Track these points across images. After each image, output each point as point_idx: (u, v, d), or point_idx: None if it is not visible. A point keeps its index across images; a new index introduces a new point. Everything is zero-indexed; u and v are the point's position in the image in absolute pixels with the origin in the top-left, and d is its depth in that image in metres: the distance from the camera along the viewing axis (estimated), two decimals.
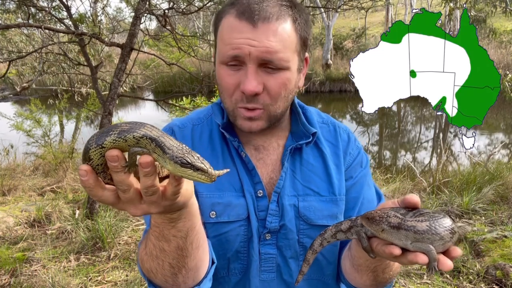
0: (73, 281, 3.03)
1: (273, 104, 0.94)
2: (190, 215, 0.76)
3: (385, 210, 0.74)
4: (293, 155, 1.03)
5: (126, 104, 15.07)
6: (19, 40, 7.55)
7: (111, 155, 0.58)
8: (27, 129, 5.51)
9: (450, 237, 0.67)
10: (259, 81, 0.89)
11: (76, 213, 4.17)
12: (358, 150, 1.10)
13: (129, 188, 0.62)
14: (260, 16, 0.86)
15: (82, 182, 0.60)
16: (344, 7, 6.34)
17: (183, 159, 0.58)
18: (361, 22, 28.47)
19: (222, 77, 0.94)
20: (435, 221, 0.68)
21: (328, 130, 1.10)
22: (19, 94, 6.42)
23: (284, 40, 0.88)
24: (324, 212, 1.00)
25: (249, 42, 0.86)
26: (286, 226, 0.99)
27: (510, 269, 2.84)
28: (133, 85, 7.56)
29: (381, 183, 5.20)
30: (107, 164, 0.60)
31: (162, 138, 0.60)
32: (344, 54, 18.62)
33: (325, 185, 1.02)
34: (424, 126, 11.91)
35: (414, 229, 0.67)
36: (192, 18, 23.57)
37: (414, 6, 25.04)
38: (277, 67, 0.89)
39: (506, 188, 4.61)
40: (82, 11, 13.80)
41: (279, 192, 1.00)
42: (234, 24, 0.88)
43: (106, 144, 0.59)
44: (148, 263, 0.83)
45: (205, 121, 1.08)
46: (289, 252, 1.01)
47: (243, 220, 0.98)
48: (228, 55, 0.89)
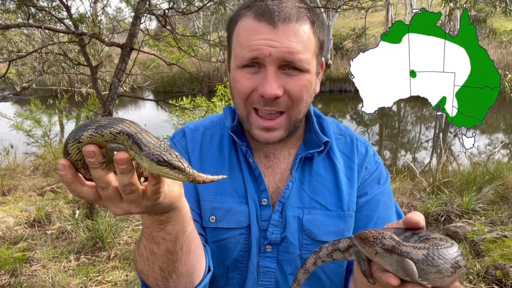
0: (73, 281, 3.03)
1: (295, 108, 0.89)
2: (179, 219, 0.73)
3: (381, 231, 0.65)
4: (303, 165, 0.98)
5: (126, 104, 15.07)
6: (19, 40, 7.55)
7: (87, 150, 0.56)
8: (27, 129, 5.52)
9: (451, 271, 0.57)
10: (279, 84, 0.85)
11: (76, 213, 4.17)
12: (377, 166, 1.03)
13: (108, 186, 0.59)
14: (280, 17, 0.83)
15: (60, 176, 0.59)
16: (344, 7, 6.34)
17: (159, 157, 0.55)
18: (361, 22, 28.49)
19: (237, 81, 0.89)
20: (436, 250, 0.58)
21: (344, 142, 1.04)
22: (19, 94, 6.42)
23: (304, 42, 0.85)
24: (330, 228, 0.94)
25: (269, 43, 0.83)
26: (287, 239, 0.94)
27: (510, 269, 2.84)
28: (133, 85, 7.56)
29: None
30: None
31: (140, 134, 0.58)
32: (344, 54, 18.63)
33: (334, 199, 0.96)
34: (424, 126, 11.92)
35: (408, 255, 0.58)
36: (192, 18, 23.57)
37: (414, 6, 25.04)
38: (298, 68, 0.86)
39: (506, 188, 4.61)
40: (82, 11, 13.78)
41: (283, 202, 0.94)
42: (252, 25, 0.85)
43: (83, 139, 0.58)
44: (140, 264, 0.81)
45: (218, 125, 1.05)
46: (289, 267, 0.95)
47: (244, 228, 0.94)
48: (247, 58, 0.85)
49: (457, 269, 0.57)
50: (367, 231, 0.66)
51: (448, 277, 0.57)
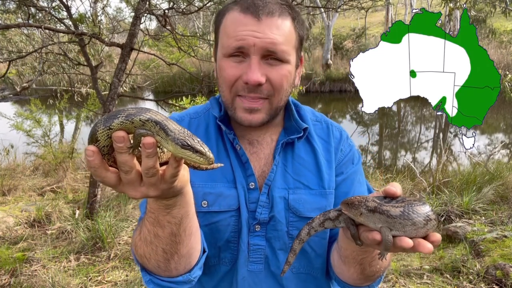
0: (73, 281, 3.03)
1: (276, 96, 0.98)
2: (184, 203, 0.79)
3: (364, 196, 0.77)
4: (285, 149, 1.07)
5: (126, 104, 15.07)
6: (19, 40, 7.55)
7: (118, 135, 0.61)
8: (27, 129, 5.51)
9: (424, 223, 0.68)
10: (262, 72, 0.93)
11: (76, 213, 4.17)
12: (350, 148, 1.14)
13: (131, 170, 0.65)
14: (264, 11, 0.91)
15: (88, 162, 0.64)
16: (344, 7, 6.34)
17: (184, 141, 0.62)
18: (361, 22, 28.49)
19: (223, 69, 0.96)
20: (410, 207, 0.69)
21: (321, 127, 1.14)
22: (19, 94, 6.42)
23: (285, 35, 0.93)
24: (313, 205, 1.03)
25: (253, 34, 0.91)
26: (275, 217, 1.01)
27: (510, 269, 2.84)
28: (133, 85, 7.56)
29: (381, 183, 5.20)
30: (113, 146, 0.63)
31: (166, 121, 0.64)
32: (344, 54, 18.62)
33: (315, 179, 1.05)
34: (424, 126, 11.92)
35: (387, 213, 0.69)
36: (192, 18, 23.57)
37: (414, 6, 25.03)
38: (279, 59, 0.94)
39: (506, 188, 4.61)
40: (82, 11, 13.77)
41: (269, 185, 1.02)
42: (238, 18, 0.93)
43: (114, 125, 0.63)
44: (142, 248, 0.86)
45: (202, 115, 1.12)
46: (278, 243, 1.03)
47: (234, 210, 1.01)
48: (233, 47, 0.92)
49: (429, 221, 0.68)
50: (352, 197, 0.78)
51: (421, 228, 0.68)
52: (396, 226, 0.69)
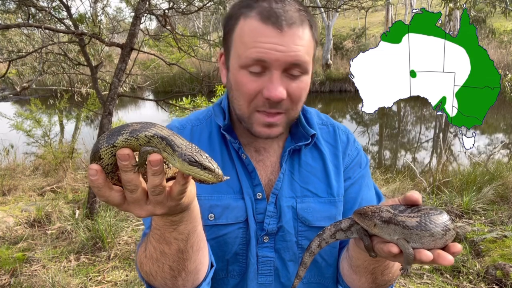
0: (73, 281, 3.03)
1: (293, 109, 0.94)
2: (191, 218, 0.76)
3: (378, 206, 0.73)
4: (292, 156, 1.03)
5: (126, 104, 15.08)
6: (19, 40, 7.55)
7: (122, 153, 0.59)
8: (27, 129, 5.51)
9: (442, 234, 0.64)
10: (284, 87, 0.88)
11: (76, 213, 4.17)
12: (357, 151, 1.10)
13: (137, 188, 0.62)
14: (287, 21, 0.84)
15: (92, 181, 0.61)
16: (344, 7, 6.34)
17: (191, 157, 0.59)
18: (361, 22, 28.48)
19: (242, 83, 0.90)
20: (428, 217, 0.66)
21: (327, 131, 1.10)
22: (19, 94, 6.42)
23: (307, 45, 0.88)
24: (323, 214, 1.00)
25: (276, 47, 0.84)
26: (284, 228, 0.98)
27: (510, 269, 2.84)
28: (133, 85, 7.55)
29: (381, 183, 5.20)
30: (117, 164, 0.61)
31: (172, 137, 0.61)
32: (344, 54, 18.62)
33: (324, 186, 1.02)
34: (424, 126, 11.92)
35: (403, 224, 0.66)
36: (192, 18, 23.57)
37: (414, 6, 25.04)
38: (302, 72, 0.89)
39: (506, 188, 4.61)
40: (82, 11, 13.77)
41: (277, 194, 0.99)
42: (258, 27, 0.85)
43: (118, 143, 0.60)
44: (147, 265, 0.82)
45: (204, 122, 1.07)
46: (287, 254, 1.00)
47: (242, 222, 0.97)
48: (252, 58, 0.86)
49: (447, 231, 0.65)
50: (365, 207, 0.73)
51: (440, 239, 0.65)
52: (413, 237, 0.65)
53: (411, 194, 0.73)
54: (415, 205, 0.73)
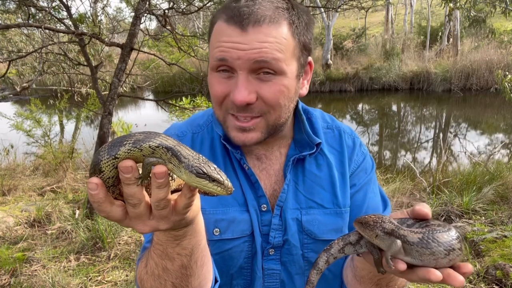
0: (73, 281, 3.03)
1: (272, 113, 0.87)
2: (195, 232, 0.72)
3: (380, 215, 0.69)
4: (296, 165, 0.98)
5: (126, 104, 15.07)
6: (19, 40, 7.55)
7: (125, 165, 0.55)
8: (27, 129, 5.51)
9: (445, 253, 0.60)
10: (250, 90, 0.82)
11: (76, 213, 4.17)
12: (363, 156, 1.05)
13: (140, 203, 0.59)
14: (250, 20, 0.79)
15: (91, 196, 0.57)
16: (344, 7, 6.35)
17: (199, 169, 0.56)
18: (361, 22, 28.48)
19: (211, 85, 0.88)
20: (432, 234, 0.61)
21: (332, 135, 1.05)
22: (19, 94, 6.42)
23: (278, 43, 0.81)
24: (329, 226, 0.96)
25: (237, 46, 0.80)
26: (289, 241, 0.95)
27: (510, 269, 2.84)
28: (133, 85, 7.56)
29: (381, 183, 5.20)
30: (119, 177, 0.57)
31: (178, 147, 0.58)
32: (344, 54, 18.60)
33: (329, 197, 0.97)
34: (424, 126, 11.91)
35: (404, 238, 0.62)
36: (192, 18, 23.56)
37: (414, 6, 25.04)
38: (271, 71, 0.82)
39: (506, 188, 4.61)
40: (82, 11, 13.77)
41: (281, 206, 0.95)
42: (222, 29, 0.83)
43: (120, 154, 0.56)
44: (149, 282, 0.78)
45: (205, 128, 1.02)
46: (293, 268, 0.97)
47: (247, 236, 0.94)
48: (215, 58, 0.83)
49: (451, 252, 0.60)
50: (366, 216, 0.70)
51: (442, 259, 0.60)
52: (413, 253, 0.62)
53: (420, 208, 0.68)
54: (424, 220, 0.69)
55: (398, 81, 15.97)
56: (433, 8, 24.38)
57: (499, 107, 11.91)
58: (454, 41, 17.09)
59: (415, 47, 18.73)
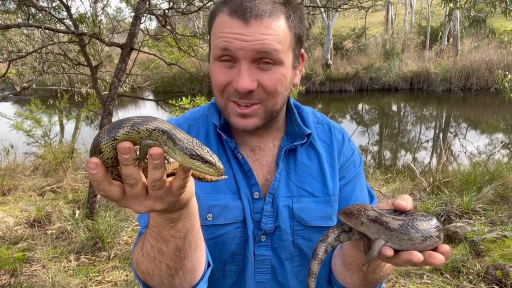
0: (73, 281, 3.03)
1: (270, 100, 0.94)
2: (189, 215, 0.76)
3: (362, 204, 0.74)
4: (288, 156, 1.04)
5: (126, 104, 15.07)
6: (19, 40, 7.56)
7: (123, 146, 0.59)
8: (27, 129, 5.51)
9: (422, 239, 0.64)
10: (252, 78, 0.89)
11: (76, 213, 4.17)
12: (352, 150, 1.11)
13: (137, 183, 0.62)
14: (252, 14, 0.86)
15: (91, 175, 0.60)
16: (344, 7, 6.34)
17: (192, 151, 0.59)
18: (361, 22, 28.47)
19: (214, 73, 0.93)
20: (411, 221, 0.66)
21: (323, 130, 1.11)
22: (19, 94, 6.42)
23: (278, 35, 0.88)
24: (319, 213, 1.01)
25: (241, 37, 0.86)
26: (280, 227, 0.99)
27: (510, 269, 2.84)
28: (133, 85, 7.56)
29: (381, 183, 5.20)
30: (118, 157, 0.60)
31: (174, 130, 0.61)
32: (344, 54, 18.60)
33: (320, 186, 1.03)
34: (424, 126, 11.91)
35: (386, 224, 0.67)
36: (192, 18, 23.56)
37: (414, 6, 25.04)
38: (272, 60, 0.89)
39: (506, 188, 4.61)
40: (82, 11, 13.78)
41: (273, 194, 1.00)
42: (226, 21, 0.88)
43: (119, 136, 0.60)
44: (144, 264, 0.82)
45: (201, 121, 1.08)
46: (284, 253, 1.01)
47: (240, 222, 0.98)
48: (219, 47, 0.89)
49: (428, 238, 0.65)
50: (350, 206, 0.75)
51: (419, 244, 0.65)
52: (392, 239, 0.66)
53: (399, 200, 0.73)
54: (407, 211, 0.72)
55: (398, 81, 15.99)
56: (433, 8, 24.38)
57: (499, 107, 11.91)
58: (454, 41, 17.09)
59: (415, 47, 18.74)
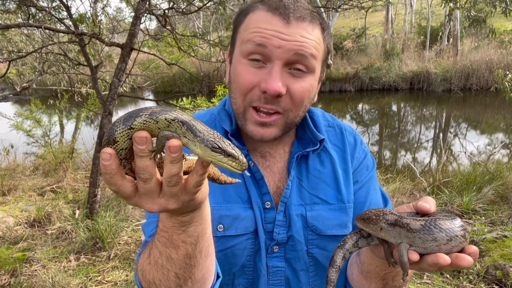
0: (73, 281, 3.03)
1: (293, 111, 0.88)
2: (202, 219, 0.71)
3: (379, 209, 0.71)
4: (299, 162, 0.99)
5: (126, 104, 15.07)
6: (19, 40, 7.55)
7: (140, 135, 0.54)
8: (27, 129, 5.50)
9: (447, 239, 0.60)
10: (283, 82, 0.83)
11: (76, 213, 4.16)
12: (365, 154, 1.06)
13: (151, 178, 0.57)
14: (295, 15, 0.82)
15: (104, 167, 0.55)
16: (344, 7, 6.34)
17: (214, 143, 0.55)
18: (361, 22, 28.47)
19: (239, 73, 0.86)
20: (434, 221, 0.62)
21: (334, 133, 1.06)
22: (19, 94, 6.41)
23: (315, 43, 0.84)
24: (333, 221, 0.96)
25: (280, 35, 0.81)
26: (293, 237, 0.94)
27: (510, 269, 2.84)
28: (133, 85, 7.55)
29: (381, 183, 5.19)
30: (132, 149, 0.56)
31: (193, 121, 0.57)
32: (344, 54, 18.60)
33: (333, 193, 0.98)
34: (424, 126, 11.91)
35: (407, 226, 0.63)
36: (192, 18, 23.55)
37: (414, 6, 25.04)
38: (306, 67, 0.84)
39: (506, 188, 4.61)
40: (82, 11, 13.78)
41: (286, 202, 0.95)
42: (264, 17, 0.83)
43: (136, 125, 0.55)
44: (151, 273, 0.76)
45: (210, 126, 1.04)
46: (298, 264, 0.96)
47: (251, 233, 0.94)
48: (254, 42, 0.82)
49: (453, 238, 0.61)
50: (367, 212, 0.71)
51: (444, 245, 0.61)
52: (415, 241, 0.62)
53: (422, 203, 0.69)
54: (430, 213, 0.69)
55: (398, 81, 15.99)
56: (433, 8, 24.37)
57: (499, 107, 11.91)
58: (454, 41, 17.09)
59: (415, 47, 18.73)
